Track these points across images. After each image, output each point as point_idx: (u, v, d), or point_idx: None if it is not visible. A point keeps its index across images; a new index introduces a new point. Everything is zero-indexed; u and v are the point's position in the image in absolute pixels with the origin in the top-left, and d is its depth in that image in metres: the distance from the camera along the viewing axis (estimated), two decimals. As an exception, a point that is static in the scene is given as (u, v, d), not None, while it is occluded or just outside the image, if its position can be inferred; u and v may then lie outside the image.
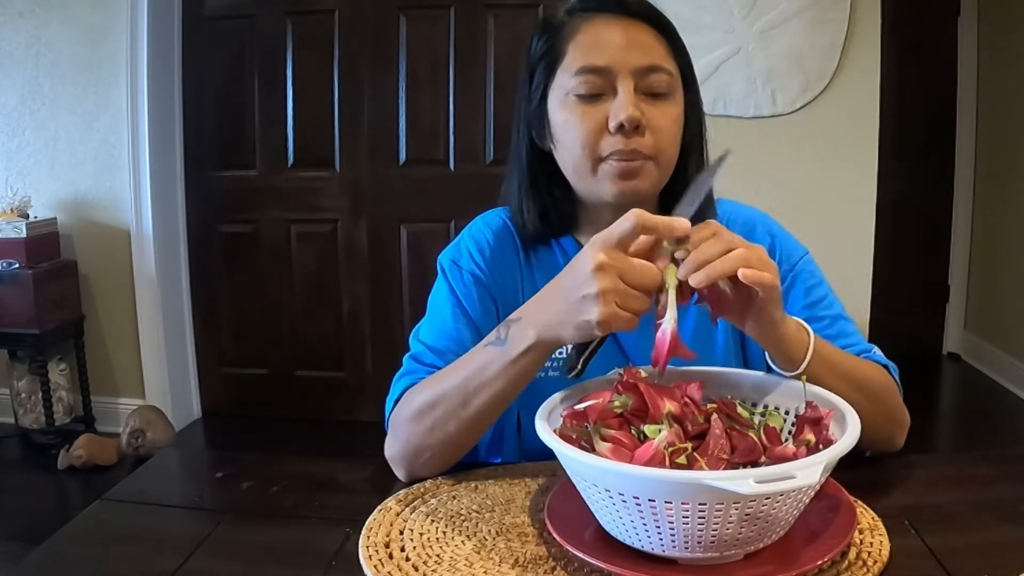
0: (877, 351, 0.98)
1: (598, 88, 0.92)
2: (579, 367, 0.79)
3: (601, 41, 0.92)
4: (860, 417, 0.71)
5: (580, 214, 1.03)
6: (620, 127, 0.90)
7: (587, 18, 0.94)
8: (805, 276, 1.00)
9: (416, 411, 0.88)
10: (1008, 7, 3.44)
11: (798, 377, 0.81)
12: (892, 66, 3.06)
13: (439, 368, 0.93)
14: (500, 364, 0.81)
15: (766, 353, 0.84)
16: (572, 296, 0.73)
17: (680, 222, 0.72)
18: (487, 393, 0.83)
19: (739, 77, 2.60)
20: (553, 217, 1.01)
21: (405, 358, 0.99)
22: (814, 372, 0.81)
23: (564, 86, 0.94)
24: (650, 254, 0.74)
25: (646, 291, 0.72)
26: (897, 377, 0.95)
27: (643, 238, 0.73)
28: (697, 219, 0.75)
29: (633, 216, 0.71)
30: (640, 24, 0.93)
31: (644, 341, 0.75)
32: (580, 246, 1.02)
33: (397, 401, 0.93)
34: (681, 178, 0.98)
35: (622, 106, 0.90)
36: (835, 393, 0.77)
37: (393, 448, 0.91)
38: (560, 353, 0.94)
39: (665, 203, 1.00)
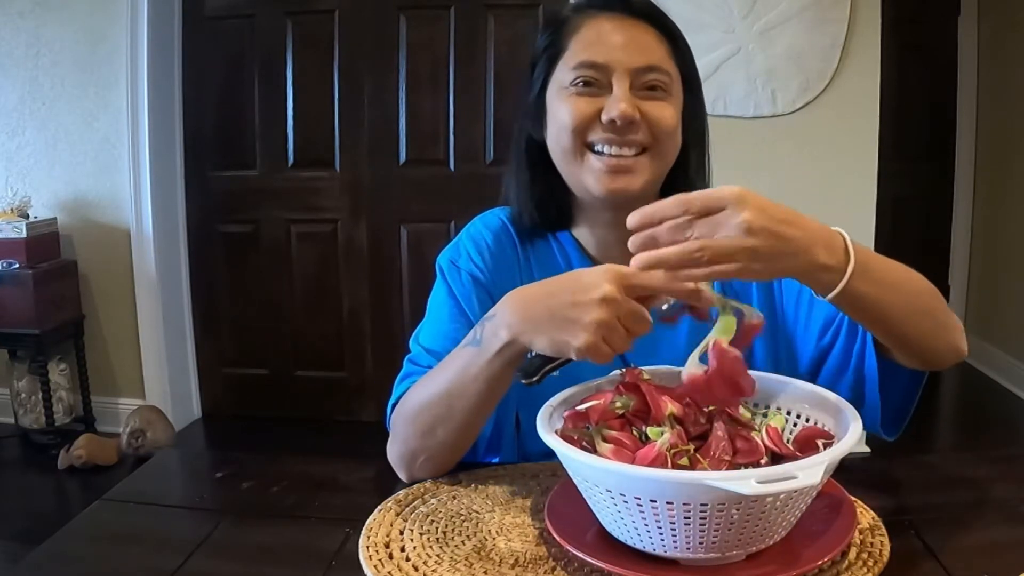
0: None
1: (594, 82, 0.93)
2: (536, 379, 0.77)
3: (602, 38, 0.93)
4: (923, 338, 0.78)
5: (576, 211, 1.02)
6: (612, 122, 0.90)
7: (591, 15, 0.95)
8: None
9: (408, 415, 0.89)
10: (1008, 7, 3.43)
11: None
12: (892, 66, 3.05)
13: None
14: (477, 365, 0.81)
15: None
16: (563, 312, 0.72)
17: (707, 294, 0.72)
18: (470, 395, 0.83)
19: (739, 77, 2.59)
20: (551, 209, 1.01)
21: (405, 360, 0.99)
22: (859, 292, 0.73)
23: (562, 79, 0.95)
24: (648, 299, 0.74)
25: (634, 336, 0.72)
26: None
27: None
28: None
29: (660, 282, 0.71)
30: (643, 25, 0.94)
31: (642, 342, 0.75)
32: (577, 243, 1.02)
33: (396, 404, 0.93)
34: (681, 180, 0.98)
35: (615, 102, 0.90)
36: (888, 310, 0.75)
37: (392, 451, 0.91)
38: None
39: None
